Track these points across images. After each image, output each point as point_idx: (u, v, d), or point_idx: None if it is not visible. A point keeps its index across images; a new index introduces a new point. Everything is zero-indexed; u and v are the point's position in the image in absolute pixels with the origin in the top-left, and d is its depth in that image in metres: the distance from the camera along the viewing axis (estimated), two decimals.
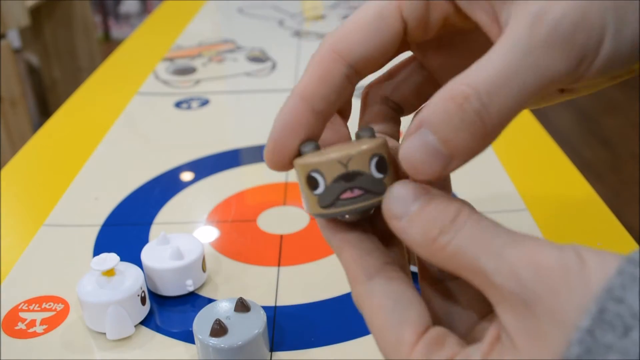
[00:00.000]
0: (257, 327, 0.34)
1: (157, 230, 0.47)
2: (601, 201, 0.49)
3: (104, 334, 0.37)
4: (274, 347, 0.36)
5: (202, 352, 0.34)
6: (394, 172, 0.23)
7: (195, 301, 0.40)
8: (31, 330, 0.38)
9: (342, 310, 0.39)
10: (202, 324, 0.34)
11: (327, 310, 0.39)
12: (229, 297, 0.36)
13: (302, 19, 1.00)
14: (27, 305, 0.40)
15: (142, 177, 0.55)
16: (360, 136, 0.24)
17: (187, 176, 0.55)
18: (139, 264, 0.40)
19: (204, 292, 0.41)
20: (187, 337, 0.37)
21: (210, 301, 0.39)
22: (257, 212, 0.49)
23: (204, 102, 0.70)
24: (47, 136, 0.65)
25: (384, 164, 0.22)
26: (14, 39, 2.16)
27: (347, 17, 0.27)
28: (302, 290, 0.41)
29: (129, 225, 0.48)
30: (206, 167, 0.56)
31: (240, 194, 0.52)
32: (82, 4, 2.01)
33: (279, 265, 0.43)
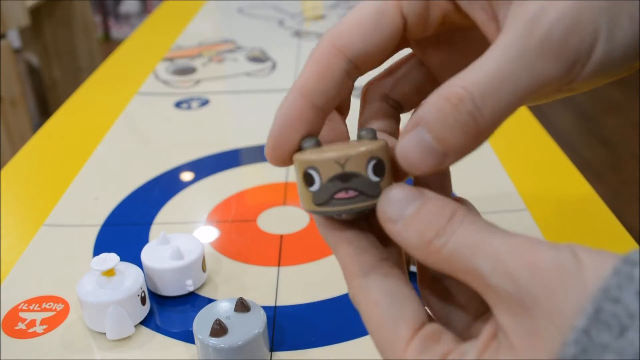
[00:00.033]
0: (257, 327, 0.34)
1: (157, 230, 0.47)
2: (601, 201, 0.49)
3: (104, 334, 0.37)
4: (274, 347, 0.36)
5: (202, 352, 0.34)
6: (392, 175, 0.23)
7: (195, 301, 0.40)
8: (31, 330, 0.38)
9: (342, 310, 0.39)
10: (202, 324, 0.34)
11: (327, 310, 0.39)
12: (229, 297, 0.36)
13: (302, 19, 1.00)
14: (27, 305, 0.40)
15: (142, 177, 0.55)
16: (361, 136, 0.24)
17: (187, 176, 0.55)
18: (139, 264, 0.40)
19: (204, 292, 0.41)
20: (187, 337, 0.37)
21: (210, 301, 0.39)
22: (257, 212, 0.49)
23: (204, 102, 0.70)
24: (47, 136, 0.65)
25: (381, 167, 0.22)
26: (14, 39, 2.16)
27: None
28: (302, 290, 0.41)
29: (129, 225, 0.48)
30: (206, 167, 0.56)
31: (240, 194, 0.52)
32: (82, 4, 2.01)
33: (279, 265, 0.43)
